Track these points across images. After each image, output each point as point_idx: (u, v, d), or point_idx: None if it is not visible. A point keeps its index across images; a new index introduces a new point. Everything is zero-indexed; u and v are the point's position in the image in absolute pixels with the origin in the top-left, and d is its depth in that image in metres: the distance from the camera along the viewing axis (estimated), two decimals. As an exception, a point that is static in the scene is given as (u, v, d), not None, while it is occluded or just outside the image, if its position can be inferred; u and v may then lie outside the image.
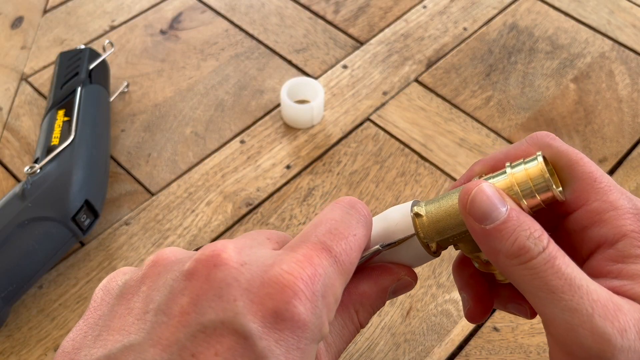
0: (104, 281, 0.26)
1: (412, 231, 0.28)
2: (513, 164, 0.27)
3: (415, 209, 0.28)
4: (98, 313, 0.25)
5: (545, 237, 0.24)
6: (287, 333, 0.22)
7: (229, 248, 0.23)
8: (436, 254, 0.28)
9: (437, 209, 0.27)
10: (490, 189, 0.25)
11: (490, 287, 0.31)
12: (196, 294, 0.22)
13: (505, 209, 0.25)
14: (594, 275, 0.25)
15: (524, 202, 0.26)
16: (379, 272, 0.28)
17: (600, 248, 0.26)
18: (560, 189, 0.27)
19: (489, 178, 0.27)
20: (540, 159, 0.26)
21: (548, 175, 0.26)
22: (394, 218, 0.28)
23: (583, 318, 0.23)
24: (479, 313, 0.31)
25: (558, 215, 0.28)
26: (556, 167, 0.27)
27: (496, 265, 0.25)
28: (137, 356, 0.22)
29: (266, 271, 0.22)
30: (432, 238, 0.27)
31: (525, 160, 0.27)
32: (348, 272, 0.25)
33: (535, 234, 0.24)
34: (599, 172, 0.27)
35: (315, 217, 0.26)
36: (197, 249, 0.25)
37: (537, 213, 0.26)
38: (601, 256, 0.26)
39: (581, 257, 0.27)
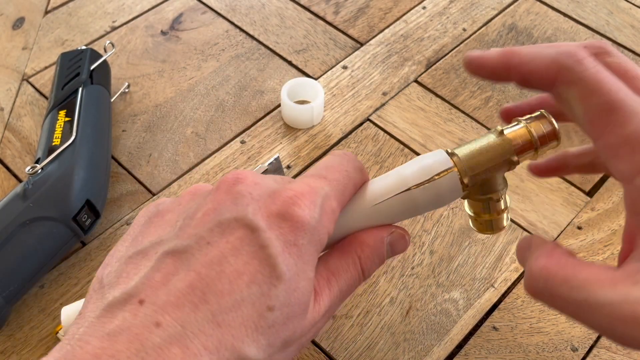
0: (145, 207, 0.30)
1: (450, 165, 0.31)
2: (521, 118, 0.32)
3: (449, 150, 0.32)
4: (136, 225, 0.29)
5: None
6: (287, 230, 0.26)
7: (247, 172, 0.28)
8: (465, 190, 0.31)
9: (470, 150, 0.31)
10: None
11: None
12: (217, 202, 0.27)
13: None
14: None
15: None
16: (375, 227, 0.32)
17: (624, 182, 0.26)
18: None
19: (508, 128, 0.32)
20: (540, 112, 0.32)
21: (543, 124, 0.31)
22: (430, 157, 0.31)
23: None
24: (544, 170, 0.37)
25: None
26: (572, 99, 0.28)
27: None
28: (162, 248, 0.26)
29: (273, 189, 0.27)
30: (466, 173, 0.31)
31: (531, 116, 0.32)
32: (342, 193, 0.29)
33: None
34: (618, 102, 0.25)
35: None
36: None
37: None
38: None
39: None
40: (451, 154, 0.31)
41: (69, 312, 0.34)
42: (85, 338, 0.24)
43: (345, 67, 0.59)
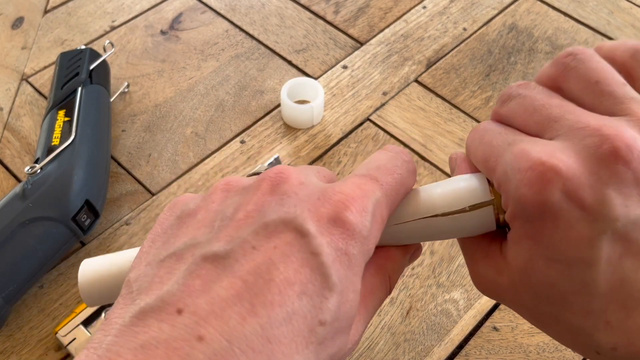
0: (170, 203, 0.28)
1: (488, 198, 0.27)
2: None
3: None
4: (164, 225, 0.27)
5: None
6: (338, 237, 0.24)
7: (291, 169, 0.26)
8: (500, 227, 0.28)
9: None
10: None
11: None
12: (261, 202, 0.25)
13: None
14: None
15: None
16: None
17: None
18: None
19: None
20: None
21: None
22: (467, 180, 0.28)
23: None
24: None
25: None
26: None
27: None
28: (198, 251, 0.24)
29: (321, 191, 0.25)
30: (502, 210, 0.27)
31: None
32: (393, 201, 0.27)
33: None
34: (490, 150, 0.27)
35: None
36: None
37: None
38: None
39: None
40: (492, 183, 0.27)
41: (86, 269, 0.30)
42: (115, 349, 0.21)
43: (345, 67, 0.59)
